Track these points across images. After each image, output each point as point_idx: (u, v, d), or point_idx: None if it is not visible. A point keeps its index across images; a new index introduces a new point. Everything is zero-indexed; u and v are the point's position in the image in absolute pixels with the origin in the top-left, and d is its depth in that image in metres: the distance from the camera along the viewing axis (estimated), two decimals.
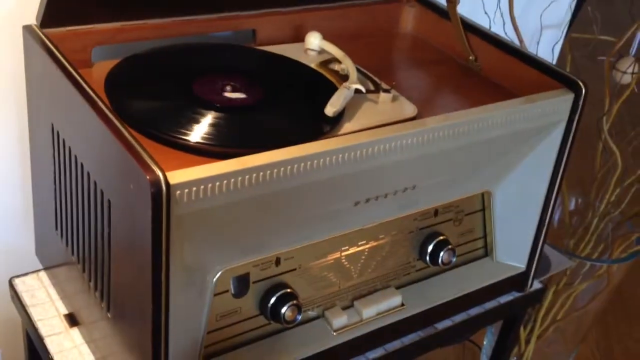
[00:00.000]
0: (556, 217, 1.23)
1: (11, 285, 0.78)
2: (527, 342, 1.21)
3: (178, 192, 0.52)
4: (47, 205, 0.73)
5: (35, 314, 0.74)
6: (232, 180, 0.54)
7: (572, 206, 1.24)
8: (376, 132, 0.62)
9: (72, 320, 0.73)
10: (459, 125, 0.66)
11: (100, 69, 0.70)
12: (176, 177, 0.52)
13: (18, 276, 0.78)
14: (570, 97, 0.73)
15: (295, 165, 0.57)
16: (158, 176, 0.51)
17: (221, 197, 0.54)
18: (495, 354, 0.98)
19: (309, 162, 0.58)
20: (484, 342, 1.26)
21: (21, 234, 0.86)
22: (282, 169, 0.57)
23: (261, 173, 0.56)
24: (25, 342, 0.80)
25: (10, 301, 0.79)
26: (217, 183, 0.54)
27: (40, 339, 0.72)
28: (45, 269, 0.79)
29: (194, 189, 0.53)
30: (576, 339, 1.28)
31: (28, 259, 0.83)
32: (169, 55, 0.74)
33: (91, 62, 0.71)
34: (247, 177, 0.55)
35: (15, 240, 0.86)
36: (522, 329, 1.19)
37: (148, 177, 0.50)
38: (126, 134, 0.55)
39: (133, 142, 0.54)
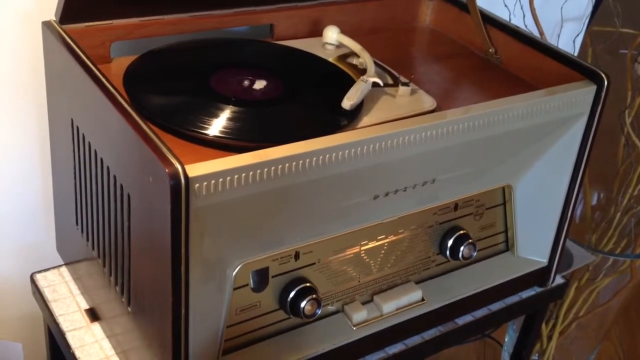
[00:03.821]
0: (578, 212, 1.22)
1: (32, 281, 0.78)
2: (549, 338, 1.20)
3: (197, 185, 0.52)
4: (68, 201, 0.73)
5: (57, 309, 0.74)
6: (251, 173, 0.54)
7: (594, 201, 1.23)
8: (395, 124, 0.62)
9: (93, 315, 0.74)
10: (479, 117, 0.65)
11: (119, 65, 0.70)
12: (195, 170, 0.52)
13: (39, 272, 0.79)
14: (592, 89, 0.72)
15: (314, 158, 0.57)
16: (177, 169, 0.51)
17: (240, 190, 0.54)
18: (517, 350, 0.97)
19: (327, 155, 0.58)
20: (505, 339, 1.25)
21: (42, 231, 0.86)
22: (300, 161, 0.56)
23: (279, 166, 0.55)
24: (46, 337, 0.81)
25: (32, 297, 0.79)
26: (236, 176, 0.54)
27: (62, 333, 0.72)
28: (66, 264, 0.80)
29: (213, 182, 0.53)
30: (599, 335, 1.26)
31: (49, 255, 0.83)
32: (187, 51, 0.74)
33: (110, 57, 0.72)
34: (265, 170, 0.55)
35: (37, 237, 0.86)
36: (544, 325, 1.18)
37: (167, 170, 0.50)
38: (145, 127, 0.55)
39: (152, 135, 0.54)
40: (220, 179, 0.53)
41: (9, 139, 0.81)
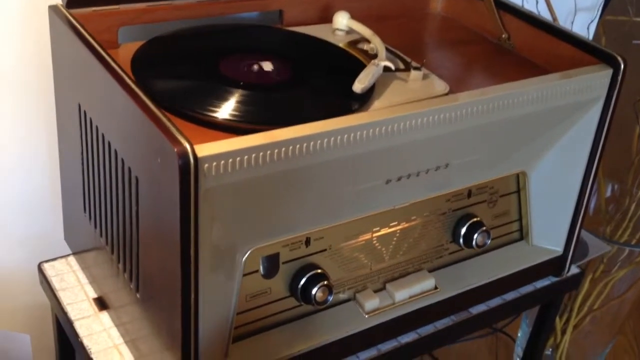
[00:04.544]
0: (592, 204, 1.20)
1: (40, 270, 0.77)
2: (563, 332, 1.18)
3: (206, 165, 0.51)
4: (76, 188, 0.72)
5: (65, 298, 0.74)
6: (261, 153, 0.53)
7: (608, 193, 1.21)
8: (407, 107, 0.61)
9: (102, 303, 0.73)
10: (494, 100, 0.64)
11: (127, 50, 0.69)
12: (204, 149, 0.51)
13: (47, 261, 0.78)
14: (608, 72, 0.71)
15: (325, 139, 0.56)
16: (186, 148, 0.50)
17: (249, 171, 0.53)
18: (530, 344, 0.95)
19: (338, 137, 0.56)
20: (519, 334, 1.23)
21: (50, 220, 0.86)
22: (311, 143, 0.55)
23: (290, 147, 0.54)
24: (54, 326, 0.80)
25: (40, 288, 0.78)
26: (246, 156, 0.53)
27: (70, 322, 0.71)
28: (74, 253, 0.79)
29: (222, 162, 0.52)
30: (613, 329, 1.24)
31: (57, 245, 0.83)
32: (195, 36, 0.73)
33: (117, 43, 0.71)
34: (275, 151, 0.54)
35: (44, 226, 0.86)
36: (557, 318, 1.17)
37: (176, 150, 0.49)
38: (154, 108, 0.54)
39: (160, 115, 0.53)
40: (230, 159, 0.52)
41: (15, 128, 0.80)
